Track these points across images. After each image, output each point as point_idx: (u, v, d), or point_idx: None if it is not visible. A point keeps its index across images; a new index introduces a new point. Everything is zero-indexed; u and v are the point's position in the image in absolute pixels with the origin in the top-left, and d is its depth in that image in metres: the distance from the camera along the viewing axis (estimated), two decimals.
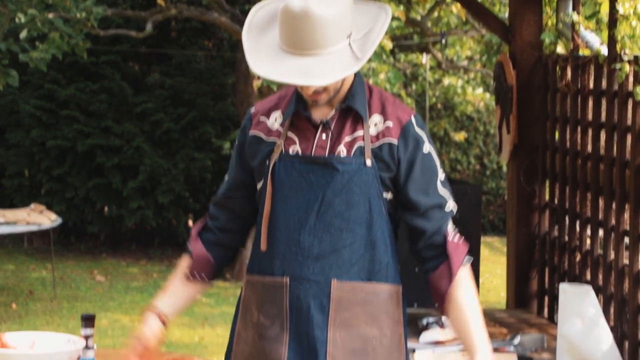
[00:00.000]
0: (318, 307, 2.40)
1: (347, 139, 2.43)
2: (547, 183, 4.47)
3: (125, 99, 10.81)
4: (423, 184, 2.44)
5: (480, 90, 13.46)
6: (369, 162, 2.41)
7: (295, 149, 2.44)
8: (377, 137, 2.43)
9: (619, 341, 3.58)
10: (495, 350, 3.52)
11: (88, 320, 3.23)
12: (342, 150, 2.42)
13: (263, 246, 2.45)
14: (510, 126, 4.48)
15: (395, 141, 2.43)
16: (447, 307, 2.45)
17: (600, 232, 3.92)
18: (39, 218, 7.94)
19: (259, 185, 2.50)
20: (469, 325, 2.42)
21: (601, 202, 3.90)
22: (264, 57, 2.36)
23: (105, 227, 11.07)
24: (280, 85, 7.63)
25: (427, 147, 2.46)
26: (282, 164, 2.44)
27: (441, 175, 2.48)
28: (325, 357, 2.39)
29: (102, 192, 10.77)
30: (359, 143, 2.42)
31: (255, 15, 2.43)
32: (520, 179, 4.46)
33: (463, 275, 2.44)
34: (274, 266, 2.44)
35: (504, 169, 13.28)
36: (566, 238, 4.22)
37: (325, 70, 2.30)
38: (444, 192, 2.47)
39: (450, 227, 2.48)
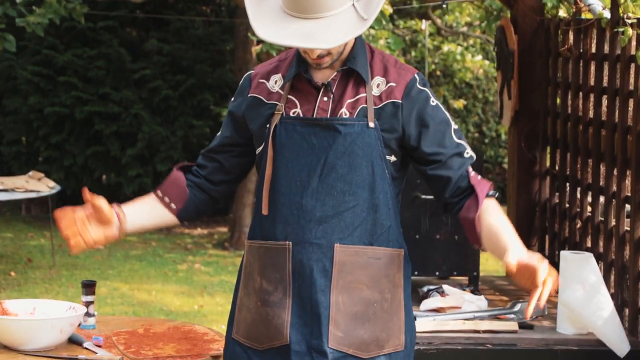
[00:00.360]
0: (321, 271, 2.39)
1: (349, 101, 2.41)
2: (548, 149, 4.44)
3: (123, 66, 10.75)
4: (438, 136, 2.42)
5: (479, 57, 13.39)
6: (371, 124, 2.39)
7: (296, 111, 2.42)
8: (381, 98, 2.42)
9: (620, 308, 3.57)
10: (496, 317, 3.52)
11: (89, 287, 3.22)
12: (344, 112, 2.40)
13: (265, 210, 2.43)
14: (511, 92, 4.45)
15: (399, 101, 2.41)
16: (479, 232, 2.38)
17: (601, 199, 3.90)
18: (37, 185, 7.93)
19: (259, 150, 2.48)
20: (501, 235, 2.33)
21: (602, 169, 3.88)
22: (267, 21, 2.33)
23: (104, 195, 10.96)
24: (280, 51, 7.57)
25: (434, 101, 2.45)
26: (283, 126, 2.41)
27: (454, 125, 2.46)
28: (327, 321, 2.39)
29: (101, 159, 10.74)
30: (362, 105, 2.40)
31: None
32: (521, 145, 4.43)
33: (489, 203, 2.41)
34: (276, 230, 2.42)
35: (503, 137, 13.24)
36: (567, 205, 4.20)
37: (330, 32, 2.27)
38: (459, 140, 2.45)
39: (471, 169, 2.45)
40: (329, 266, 2.39)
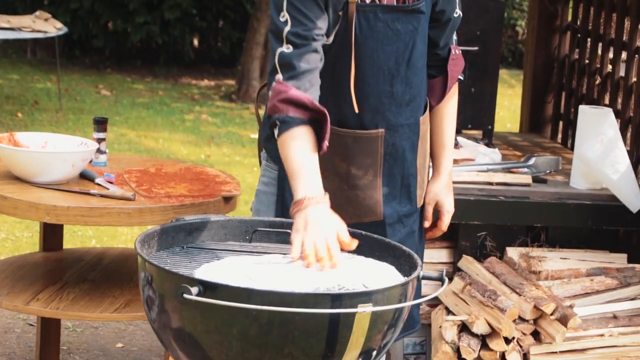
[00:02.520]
0: (410, 148, 2.42)
1: None
2: (571, 3, 4.33)
3: None
4: None
5: None
6: None
7: None
8: None
9: (635, 165, 3.55)
10: (509, 171, 3.49)
11: (101, 124, 3.18)
12: None
13: (356, 108, 2.30)
14: None
15: None
16: (432, 114, 2.52)
17: (624, 55, 3.81)
18: (44, 26, 7.76)
19: (330, 40, 2.27)
20: (444, 142, 2.54)
21: (627, 23, 3.78)
22: None
23: (111, 41, 10.93)
24: None
25: None
26: (362, 15, 2.27)
27: None
28: (415, 188, 2.46)
29: (108, 4, 10.56)
30: None
31: None
32: None
33: (453, 90, 2.52)
34: (364, 119, 2.34)
35: None
36: (586, 61, 4.12)
37: None
38: None
39: (454, 38, 2.50)
40: (415, 140, 2.43)
